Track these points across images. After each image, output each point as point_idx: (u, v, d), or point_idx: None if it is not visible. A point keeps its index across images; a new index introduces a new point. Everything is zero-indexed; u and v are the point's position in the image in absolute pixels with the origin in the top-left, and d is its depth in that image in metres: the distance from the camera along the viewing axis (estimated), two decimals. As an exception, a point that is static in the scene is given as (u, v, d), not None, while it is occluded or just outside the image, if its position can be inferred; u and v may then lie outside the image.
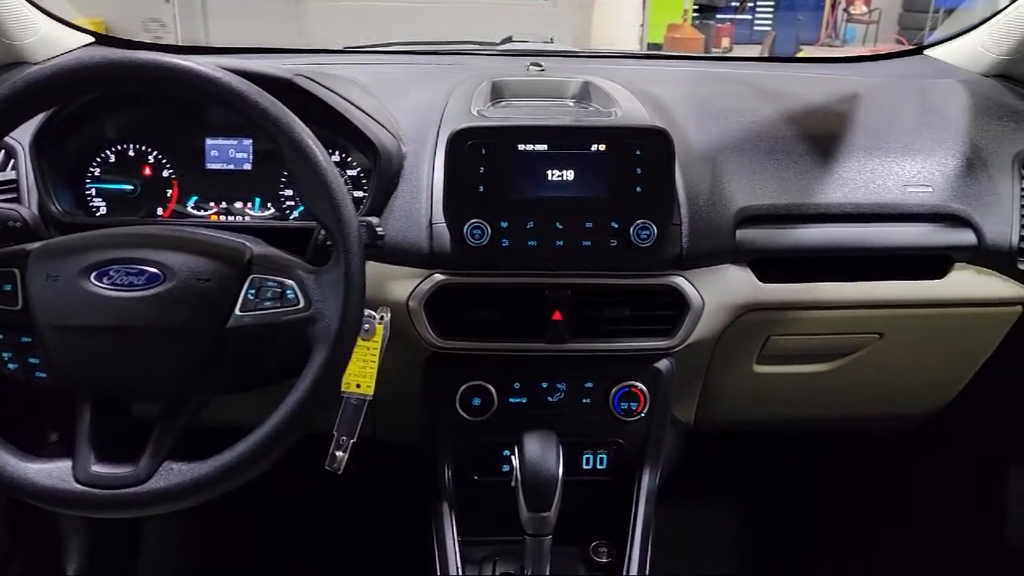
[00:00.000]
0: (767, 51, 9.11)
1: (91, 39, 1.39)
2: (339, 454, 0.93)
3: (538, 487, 0.95)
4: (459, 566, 1.06)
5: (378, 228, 0.88)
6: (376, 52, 1.51)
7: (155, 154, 1.12)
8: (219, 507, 0.85)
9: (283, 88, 1.00)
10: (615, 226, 0.98)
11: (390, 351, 0.97)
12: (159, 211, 1.12)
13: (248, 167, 1.12)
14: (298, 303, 0.82)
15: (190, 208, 1.12)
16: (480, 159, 0.97)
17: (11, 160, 1.07)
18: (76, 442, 0.82)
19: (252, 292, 0.83)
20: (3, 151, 1.07)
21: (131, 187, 1.12)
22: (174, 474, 0.79)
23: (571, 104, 1.22)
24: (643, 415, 1.08)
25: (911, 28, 11.17)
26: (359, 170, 1.11)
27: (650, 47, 8.34)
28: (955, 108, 1.24)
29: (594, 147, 0.98)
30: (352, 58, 1.43)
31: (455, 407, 1.06)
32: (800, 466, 1.68)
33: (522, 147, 0.97)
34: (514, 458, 0.98)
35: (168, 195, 1.12)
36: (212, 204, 1.12)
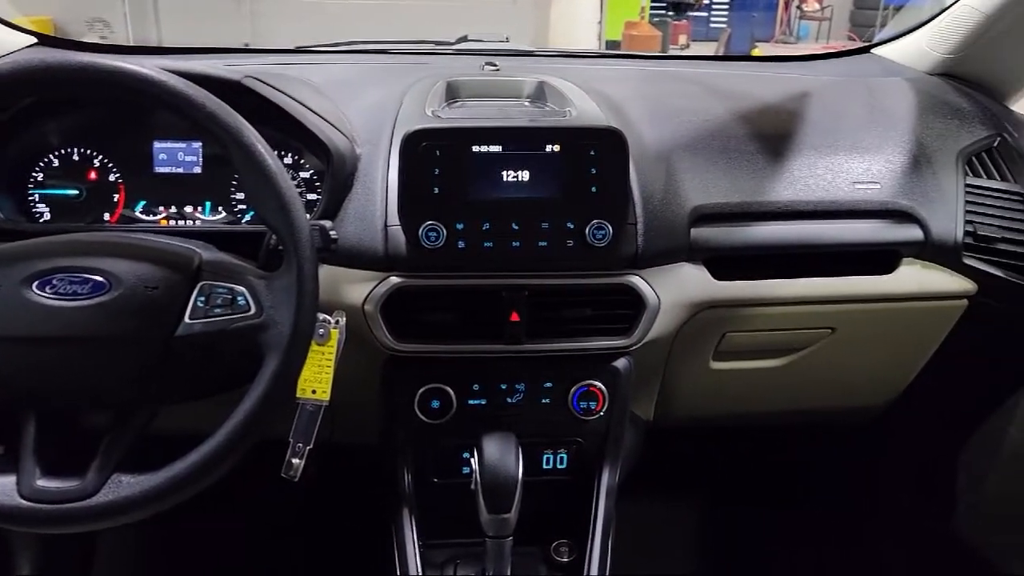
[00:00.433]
0: (723, 48, 9.23)
1: (34, 40, 1.34)
2: (295, 461, 0.92)
3: (498, 489, 0.95)
4: (419, 569, 1.05)
5: (331, 232, 0.87)
6: (329, 52, 1.49)
7: (101, 158, 1.09)
8: (174, 516, 0.83)
9: (232, 90, 0.98)
10: (571, 226, 0.98)
11: (346, 355, 0.96)
12: (106, 217, 1.10)
13: (198, 170, 1.10)
14: (249, 310, 0.81)
15: (138, 213, 1.10)
16: (434, 160, 0.96)
17: None
18: (20, 456, 0.80)
19: (202, 299, 0.82)
20: None
21: (76, 192, 1.09)
22: (123, 487, 0.77)
23: (527, 104, 1.22)
24: (602, 414, 1.09)
25: (862, 25, 11.43)
26: (312, 172, 1.10)
27: (608, 44, 8.39)
28: (901, 106, 1.27)
29: (549, 148, 0.98)
30: (305, 58, 1.41)
31: (413, 410, 1.05)
32: (758, 461, 1.70)
33: (477, 148, 0.97)
34: (473, 460, 0.98)
35: (115, 200, 1.10)
36: (161, 209, 1.10)
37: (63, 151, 1.09)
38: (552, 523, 1.12)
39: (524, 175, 0.98)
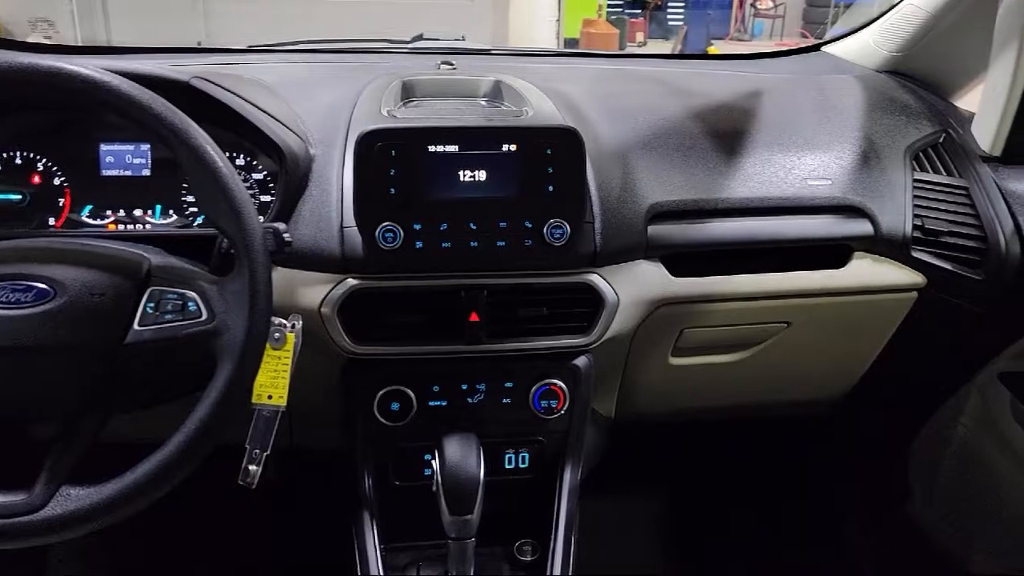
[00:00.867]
0: (679, 44, 9.34)
1: (-25, 40, 1.30)
2: (252, 468, 0.90)
3: (459, 490, 0.95)
4: (381, 572, 1.04)
5: (285, 234, 0.86)
6: (283, 51, 1.47)
7: (44, 161, 1.06)
8: (127, 526, 0.81)
9: (179, 91, 0.96)
10: (529, 225, 0.98)
11: (304, 359, 0.94)
12: (51, 222, 1.06)
13: (147, 173, 1.07)
14: (200, 315, 0.79)
15: (85, 217, 1.07)
16: (390, 161, 0.95)
17: None
18: None
19: (151, 305, 0.80)
20: None
21: (19, 197, 1.05)
22: (71, 499, 0.75)
23: (483, 103, 1.21)
24: (563, 412, 1.09)
25: (814, 22, 11.68)
26: (265, 174, 1.08)
27: (567, 42, 8.43)
28: (851, 103, 1.30)
29: (505, 147, 0.98)
30: (257, 58, 1.38)
31: (373, 413, 1.04)
32: (719, 454, 1.72)
33: (433, 148, 0.96)
34: (435, 462, 0.98)
35: (60, 204, 1.07)
36: (109, 213, 1.07)
37: (4, 154, 1.06)
38: (515, 523, 1.12)
39: (481, 175, 0.97)
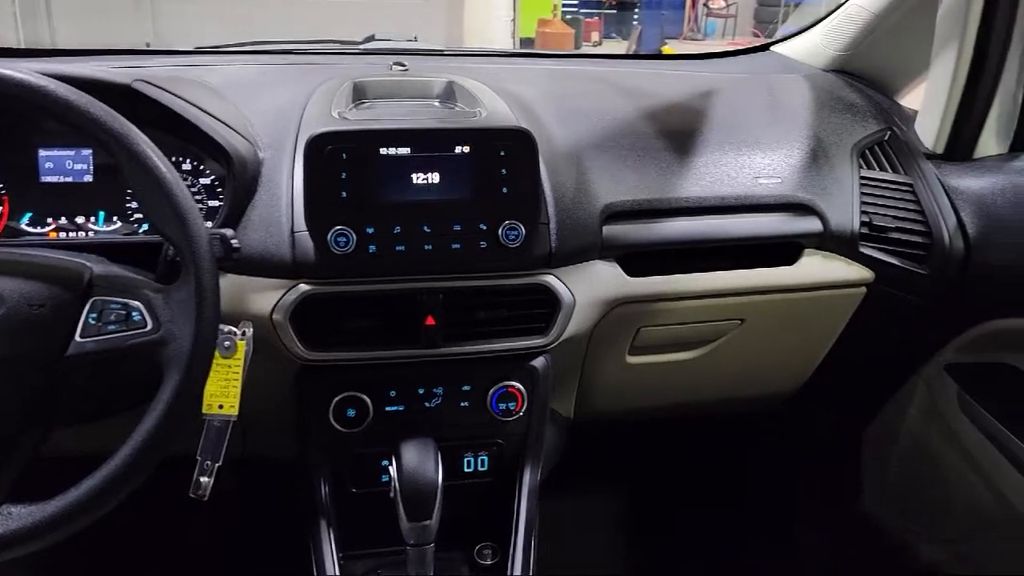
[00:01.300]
0: (634, 44, 9.43)
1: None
2: (203, 479, 0.88)
3: (417, 496, 0.94)
4: None
5: (232, 240, 0.84)
6: (230, 52, 1.44)
7: None
8: (75, 540, 0.79)
9: (121, 95, 0.93)
10: (483, 227, 0.98)
11: (256, 367, 0.93)
12: None
13: (89, 179, 1.04)
14: (145, 325, 0.77)
15: (24, 226, 1.03)
16: (341, 164, 0.94)
17: None
18: None
19: (93, 316, 0.77)
20: None
21: None
22: (12, 519, 0.72)
23: (436, 104, 1.21)
24: (522, 414, 1.09)
25: (765, 21, 11.90)
26: (213, 178, 1.06)
27: (522, 41, 8.44)
28: (799, 102, 1.32)
29: (459, 149, 0.97)
30: (203, 59, 1.35)
31: (328, 420, 1.02)
32: (677, 451, 1.74)
33: (385, 151, 0.95)
34: (392, 468, 0.97)
35: None
36: (50, 220, 1.04)
37: None
38: (475, 526, 1.11)
39: (434, 177, 0.97)
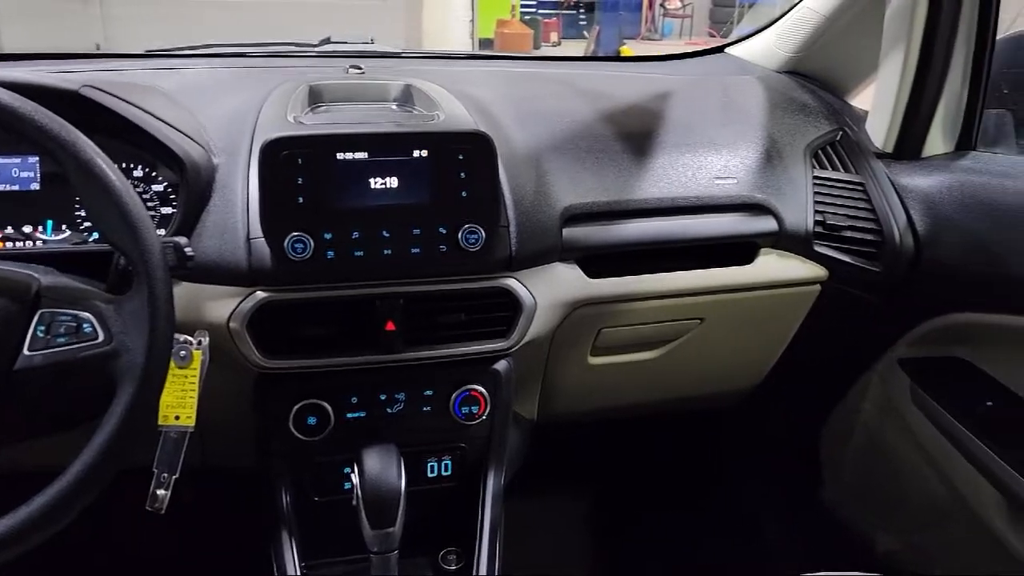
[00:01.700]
0: (592, 44, 9.49)
1: None
2: (160, 492, 0.87)
3: (380, 503, 0.93)
4: None
5: (186, 248, 0.82)
6: (183, 56, 1.41)
7: None
8: (26, 555, 0.77)
9: (68, 101, 0.91)
10: (443, 232, 0.97)
11: (214, 376, 0.91)
12: None
13: (36, 187, 1.01)
14: (97, 337, 0.75)
15: None
16: (297, 169, 0.93)
17: None
18: None
19: (42, 328, 0.75)
20: None
21: None
22: None
23: (393, 107, 1.20)
24: (484, 417, 1.08)
25: (720, 21, 12.08)
26: (166, 185, 1.04)
27: (481, 42, 8.44)
28: (753, 104, 1.34)
29: (416, 153, 0.96)
30: (155, 63, 1.32)
31: (289, 428, 1.01)
32: (641, 450, 1.75)
33: (342, 156, 0.94)
34: (354, 475, 0.96)
35: None
36: None
37: None
38: (439, 531, 1.11)
39: (392, 181, 0.96)
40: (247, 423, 1.04)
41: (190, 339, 0.88)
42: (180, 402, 0.88)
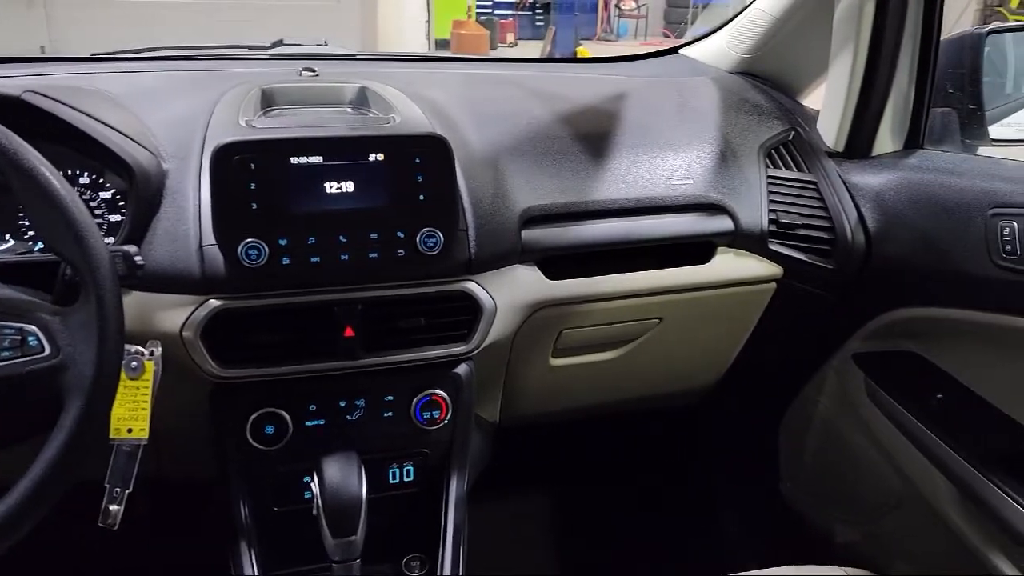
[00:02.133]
0: (549, 45, 9.53)
1: None
2: (112, 508, 0.85)
3: (341, 512, 0.92)
4: None
5: (136, 256, 0.80)
6: (130, 59, 1.38)
7: None
8: None
9: (10, 107, 0.88)
10: (401, 236, 0.96)
11: (167, 387, 0.89)
12: None
13: None
14: (43, 350, 0.73)
15: None
16: (250, 174, 0.91)
17: None
18: None
19: None
20: None
21: None
22: None
23: (348, 110, 1.18)
24: (446, 422, 1.08)
25: (674, 22, 12.23)
26: (114, 192, 1.01)
27: (437, 43, 8.41)
28: (707, 105, 1.35)
29: (372, 157, 0.95)
30: (101, 66, 1.29)
31: (246, 438, 0.99)
32: (603, 451, 1.76)
33: (296, 160, 0.93)
34: (314, 484, 0.94)
35: None
36: None
37: None
38: (403, 537, 1.10)
39: (348, 186, 0.95)
40: (204, 434, 1.02)
41: (142, 350, 0.86)
42: (132, 415, 0.86)
